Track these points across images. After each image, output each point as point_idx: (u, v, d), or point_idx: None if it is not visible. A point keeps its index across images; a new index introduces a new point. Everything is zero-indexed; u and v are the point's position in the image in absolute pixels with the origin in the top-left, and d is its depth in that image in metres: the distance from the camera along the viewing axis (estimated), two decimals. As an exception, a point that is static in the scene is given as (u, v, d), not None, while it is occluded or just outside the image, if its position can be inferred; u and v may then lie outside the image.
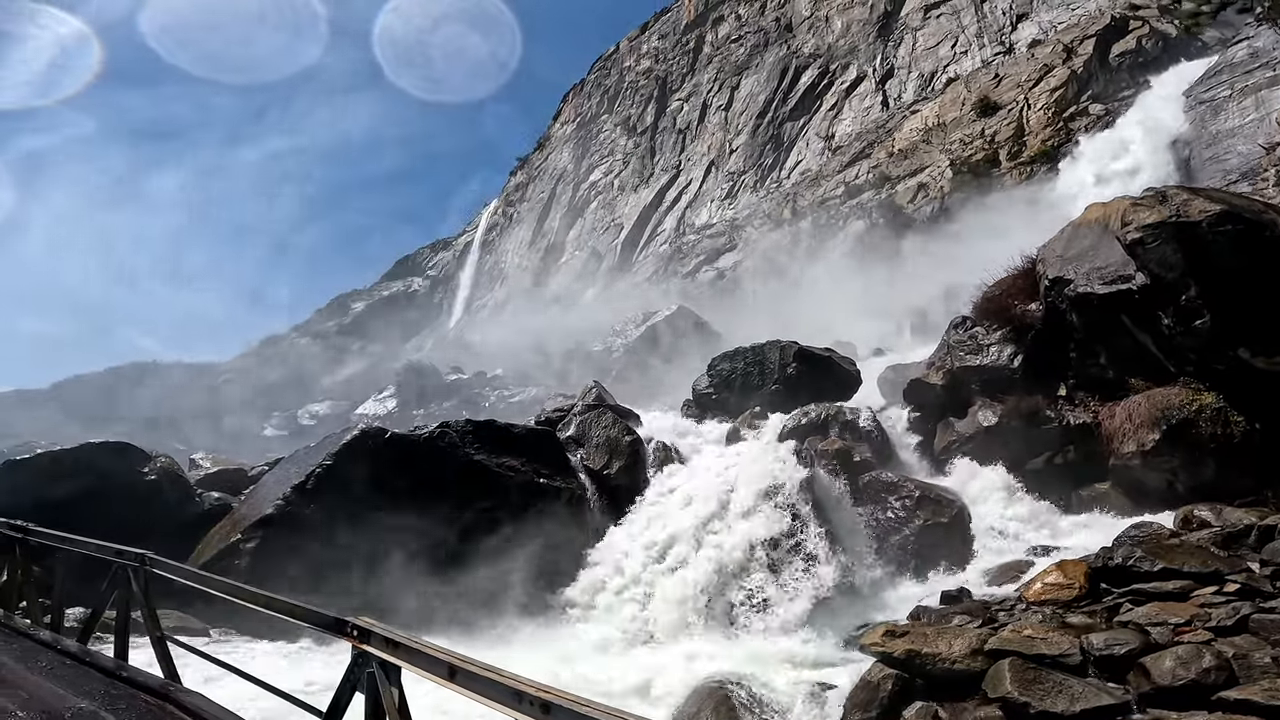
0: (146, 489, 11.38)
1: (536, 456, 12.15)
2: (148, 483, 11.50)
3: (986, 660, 6.36)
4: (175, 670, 4.80)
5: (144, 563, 5.06)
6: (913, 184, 35.70)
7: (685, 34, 57.29)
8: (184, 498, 11.88)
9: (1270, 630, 6.02)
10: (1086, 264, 10.77)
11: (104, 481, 11.05)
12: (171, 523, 10.96)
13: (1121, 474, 9.99)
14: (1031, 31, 37.49)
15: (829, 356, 15.74)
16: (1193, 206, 9.70)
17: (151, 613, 4.99)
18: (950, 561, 9.84)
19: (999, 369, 11.61)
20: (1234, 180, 22.77)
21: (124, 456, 11.71)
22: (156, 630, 4.89)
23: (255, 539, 10.34)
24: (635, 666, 8.80)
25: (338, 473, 10.88)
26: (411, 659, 3.37)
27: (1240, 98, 24.69)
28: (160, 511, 11.03)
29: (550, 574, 10.83)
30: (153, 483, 11.55)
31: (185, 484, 12.27)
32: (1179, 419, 9.55)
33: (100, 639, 5.74)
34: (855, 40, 44.83)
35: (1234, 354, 9.40)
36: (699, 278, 43.99)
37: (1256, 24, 17.21)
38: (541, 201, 63.30)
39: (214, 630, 9.19)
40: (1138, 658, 5.96)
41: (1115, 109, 30.49)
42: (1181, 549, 7.39)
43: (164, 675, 4.77)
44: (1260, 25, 17.08)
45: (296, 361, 54.90)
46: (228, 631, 9.18)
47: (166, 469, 11.93)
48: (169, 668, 4.80)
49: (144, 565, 5.05)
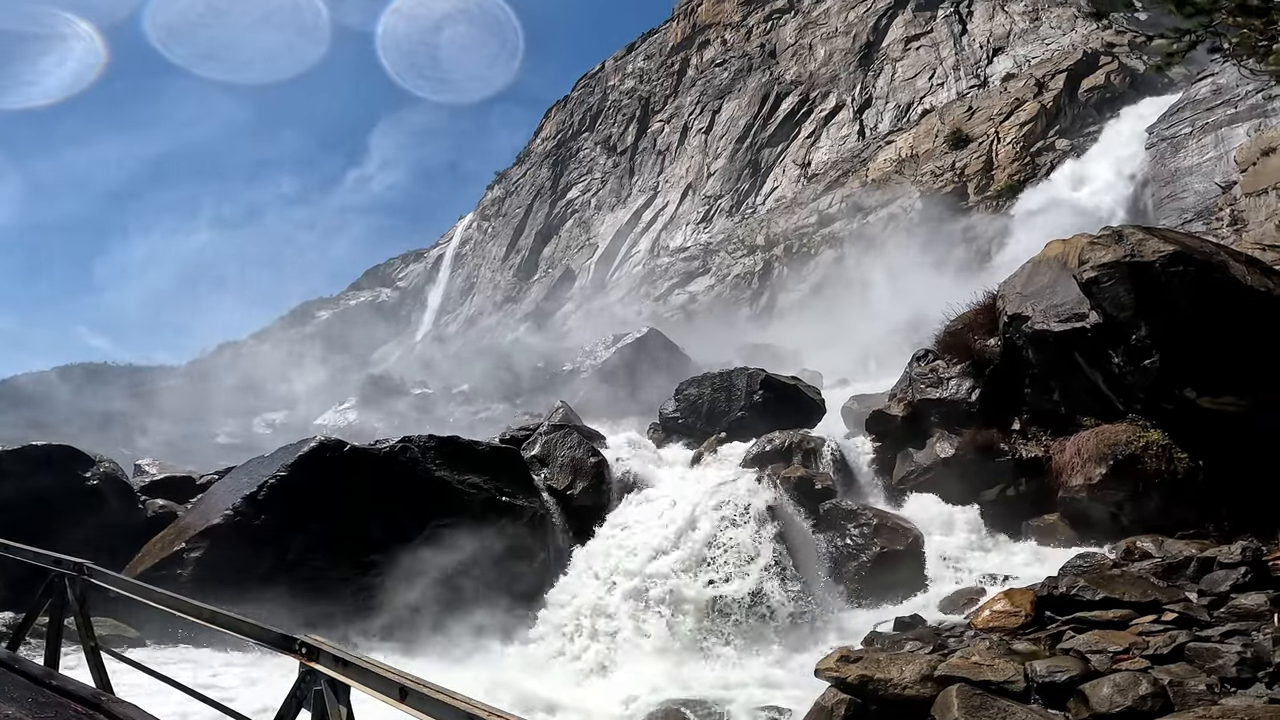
0: (88, 494, 11.05)
1: (500, 474, 12.06)
2: (90, 487, 11.16)
3: (936, 686, 6.46)
4: (108, 680, 4.68)
5: (81, 571, 4.94)
6: (884, 214, 36.42)
7: (671, 56, 58.07)
8: (127, 504, 11.55)
9: (1205, 658, 6.21)
10: (1044, 301, 11.07)
11: (44, 485, 10.72)
12: (114, 529, 10.64)
13: (1069, 506, 10.25)
14: (1006, 65, 38.29)
15: (795, 385, 15.92)
16: (1147, 246, 10.01)
17: (86, 622, 4.86)
18: (905, 588, 9.99)
19: (958, 402, 11.87)
20: (1189, 219, 23.22)
21: (66, 460, 11.37)
22: (91, 640, 4.77)
23: (200, 548, 10.08)
24: (592, 691, 8.75)
25: (292, 484, 10.66)
26: (362, 678, 3.28)
27: (1200, 135, 25.13)
28: (102, 517, 10.71)
29: (510, 594, 10.72)
30: (94, 488, 11.22)
31: (129, 490, 11.93)
32: (1125, 454, 9.83)
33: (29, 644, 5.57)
34: (836, 69, 45.76)
35: (1180, 393, 9.70)
36: (671, 300, 44.24)
37: (1222, 60, 17.51)
38: (518, 217, 63.32)
39: (153, 641, 8.95)
40: (1078, 684, 6.10)
41: (1081, 144, 31.32)
42: (1123, 579, 7.61)
43: (96, 685, 4.66)
44: (1225, 61, 17.60)
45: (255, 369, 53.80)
46: (168, 642, 8.94)
47: (110, 474, 11.59)
48: (101, 677, 4.69)
49: (81, 574, 4.93)
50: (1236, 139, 22.62)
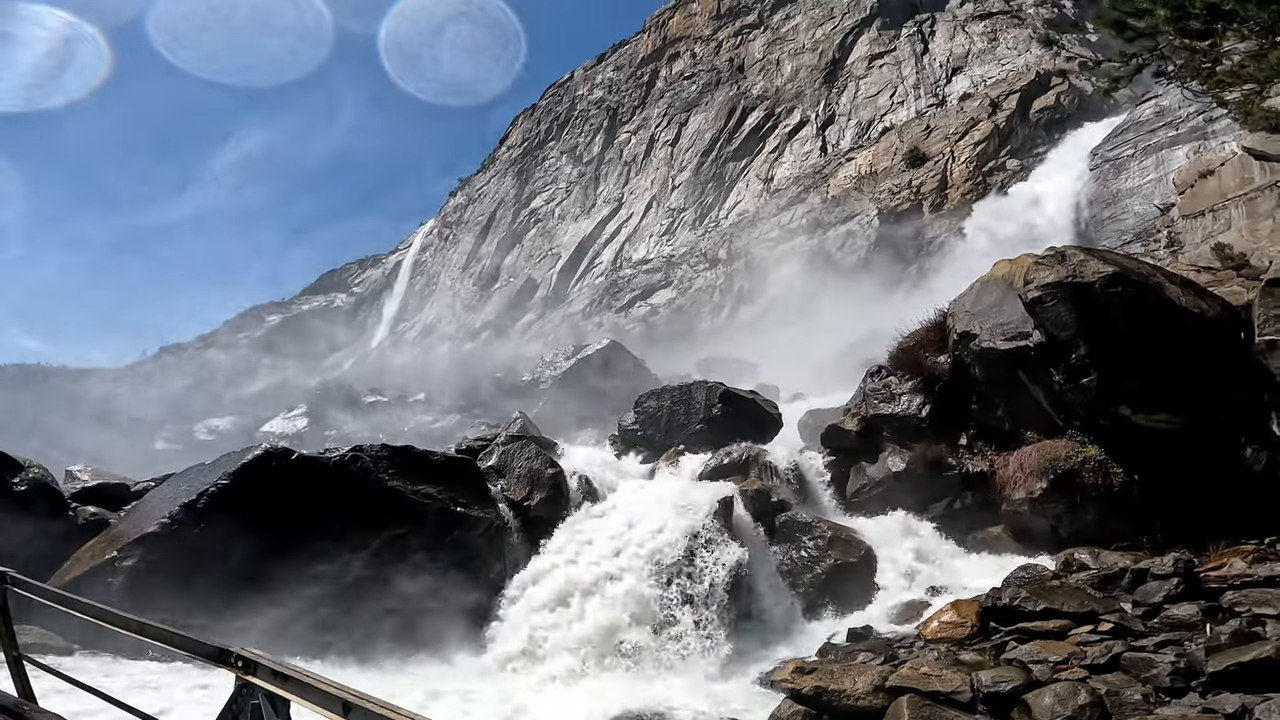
0: (16, 499, 10.57)
1: (455, 485, 11.86)
2: (16, 493, 10.68)
3: (887, 697, 6.56)
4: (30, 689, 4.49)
5: (4, 580, 4.73)
6: (842, 231, 37.12)
7: (641, 67, 58.44)
8: (55, 511, 11.07)
9: (1140, 668, 6.39)
10: (991, 320, 11.39)
11: (-33, 490, 10.25)
12: (42, 536, 10.19)
13: (1012, 519, 10.52)
14: (964, 85, 39.31)
15: (753, 399, 16.05)
16: (1087, 267, 10.34)
17: (8, 630, 4.66)
18: (858, 600, 10.10)
19: (909, 418, 12.11)
20: (1129, 240, 24.05)
21: (-9, 464, 10.89)
22: (13, 649, 4.57)
23: (133, 557, 9.68)
24: (546, 704, 8.65)
25: (235, 493, 10.32)
26: (303, 693, 3.16)
27: (1142, 157, 26.00)
28: (29, 524, 10.25)
29: (464, 605, 10.54)
30: (21, 493, 10.71)
31: (58, 496, 11.42)
32: (1064, 469, 10.13)
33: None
34: (802, 85, 46.53)
35: (1116, 410, 10.04)
36: (633, 313, 44.35)
37: (1167, 82, 17.82)
38: (480, 224, 62.87)
39: (79, 649, 8.58)
40: (1021, 694, 6.23)
41: (1029, 164, 32.31)
42: (1062, 590, 7.82)
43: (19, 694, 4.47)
44: (1170, 84, 18.14)
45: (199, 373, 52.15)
46: (95, 651, 8.58)
47: (37, 480, 11.06)
48: (24, 686, 4.50)
49: (4, 583, 4.72)
50: (1176, 161, 23.32)
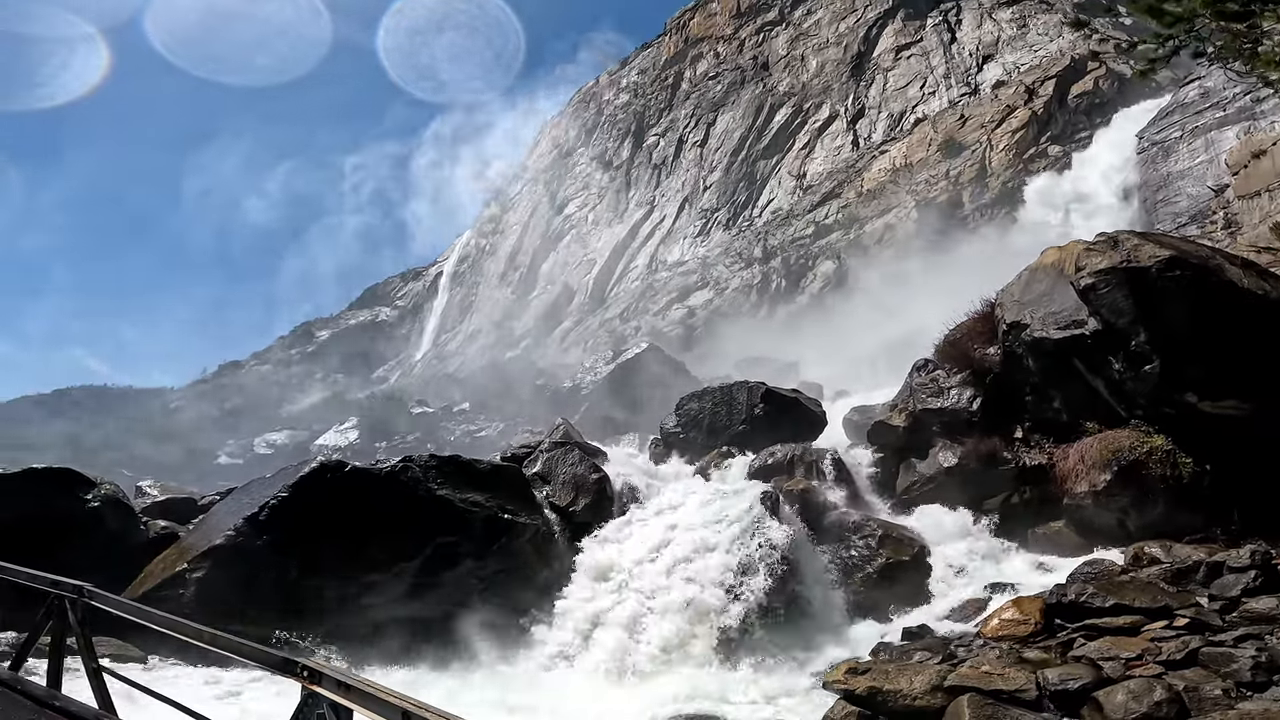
0: (88, 516, 11.00)
1: (501, 492, 12.02)
2: (90, 510, 11.11)
3: (946, 696, 6.42)
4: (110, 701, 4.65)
5: (81, 594, 4.91)
6: (880, 225, 36.61)
7: (664, 70, 58.56)
8: (128, 526, 11.49)
9: (1220, 663, 6.16)
10: (1042, 308, 11.09)
11: (45, 508, 10.67)
12: (114, 551, 10.60)
13: (1074, 513, 10.22)
14: (996, 73, 38.60)
15: (796, 397, 15.87)
16: (1142, 252, 10.03)
17: (88, 643, 4.83)
18: (912, 599, 9.94)
19: (959, 411, 11.85)
20: (1184, 223, 23.27)
21: (66, 482, 11.33)
22: (93, 661, 4.74)
23: (202, 569, 10.03)
24: (601, 706, 8.67)
25: (294, 505, 10.62)
26: (364, 702, 3.28)
27: (1190, 139, 25.21)
28: (103, 539, 10.67)
29: (514, 611, 10.65)
30: (95, 509, 11.15)
31: (129, 512, 11.87)
32: (1129, 460, 9.82)
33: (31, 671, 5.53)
34: (829, 80, 46.11)
35: (1181, 398, 9.71)
36: (670, 315, 44.32)
37: (1208, 64, 17.34)
38: (515, 233, 63.61)
39: (155, 659, 8.89)
40: (1091, 692, 6.05)
41: (1072, 150, 31.52)
42: (1132, 585, 7.57)
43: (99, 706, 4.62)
44: (1211, 65, 17.64)
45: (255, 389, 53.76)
46: (172, 660, 8.88)
47: (110, 496, 11.52)
48: (104, 698, 4.65)
49: (81, 597, 4.90)
50: (1226, 142, 22.71)
